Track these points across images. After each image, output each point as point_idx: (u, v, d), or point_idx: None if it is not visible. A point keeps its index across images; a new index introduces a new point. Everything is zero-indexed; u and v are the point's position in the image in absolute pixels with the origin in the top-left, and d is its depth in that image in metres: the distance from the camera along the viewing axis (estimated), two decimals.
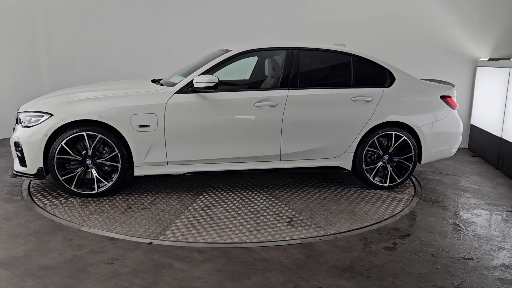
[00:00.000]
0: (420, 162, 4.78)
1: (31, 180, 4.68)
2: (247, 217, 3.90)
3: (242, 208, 4.09)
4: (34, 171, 4.08)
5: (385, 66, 4.69)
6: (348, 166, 4.64)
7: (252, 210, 4.06)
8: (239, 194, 4.47)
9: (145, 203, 4.17)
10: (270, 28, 7.28)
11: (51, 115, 4.05)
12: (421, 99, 4.75)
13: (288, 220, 3.85)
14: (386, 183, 4.70)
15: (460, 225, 3.90)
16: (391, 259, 3.21)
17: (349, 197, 4.51)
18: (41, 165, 4.06)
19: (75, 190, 4.14)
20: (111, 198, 4.25)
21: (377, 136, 4.58)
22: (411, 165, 4.69)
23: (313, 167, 4.61)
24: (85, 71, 7.29)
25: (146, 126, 4.11)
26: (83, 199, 4.19)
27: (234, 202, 4.26)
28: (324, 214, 4.00)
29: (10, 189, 4.45)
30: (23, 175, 4.14)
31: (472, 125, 6.94)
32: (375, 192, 4.68)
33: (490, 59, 6.56)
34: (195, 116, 4.23)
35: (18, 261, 3.00)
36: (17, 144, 4.15)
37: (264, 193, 4.53)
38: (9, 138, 6.45)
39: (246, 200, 4.31)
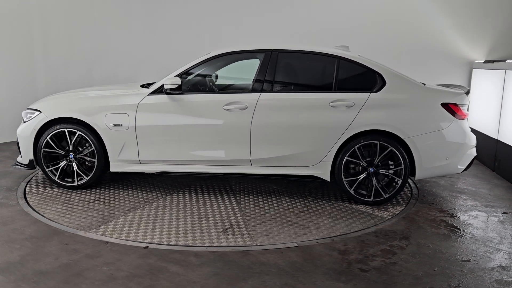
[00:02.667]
0: (414, 177, 4.27)
1: (26, 184, 4.71)
2: (189, 220, 3.86)
3: (194, 211, 4.06)
4: (26, 162, 4.57)
5: (376, 69, 4.26)
6: (326, 177, 4.29)
7: (201, 214, 4.01)
8: (206, 197, 4.44)
9: (111, 198, 4.38)
10: (271, 32, 7.26)
11: (40, 112, 4.48)
12: (415, 105, 4.22)
13: (226, 227, 3.75)
14: (370, 198, 4.27)
15: (457, 227, 3.90)
16: (388, 262, 3.20)
17: (316, 209, 4.19)
18: (32, 157, 4.51)
19: (58, 181, 4.53)
20: (87, 191, 4.55)
21: (358, 146, 4.16)
22: (400, 180, 4.22)
23: (287, 175, 4.34)
24: (82, 75, 7.27)
25: (119, 125, 4.32)
26: (64, 190, 4.56)
27: (194, 204, 4.24)
28: (270, 226, 3.78)
29: (5, 194, 4.44)
30: (20, 165, 4.62)
31: None
32: (352, 206, 4.27)
33: (485, 61, 6.59)
34: (165, 117, 4.32)
35: (14, 266, 2.99)
36: (17, 137, 4.62)
37: (232, 198, 4.44)
38: (5, 143, 6.64)
39: (207, 204, 4.26)
